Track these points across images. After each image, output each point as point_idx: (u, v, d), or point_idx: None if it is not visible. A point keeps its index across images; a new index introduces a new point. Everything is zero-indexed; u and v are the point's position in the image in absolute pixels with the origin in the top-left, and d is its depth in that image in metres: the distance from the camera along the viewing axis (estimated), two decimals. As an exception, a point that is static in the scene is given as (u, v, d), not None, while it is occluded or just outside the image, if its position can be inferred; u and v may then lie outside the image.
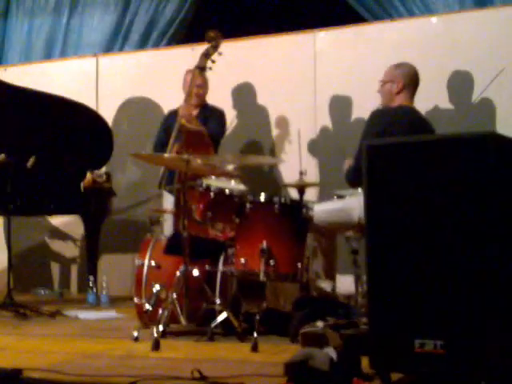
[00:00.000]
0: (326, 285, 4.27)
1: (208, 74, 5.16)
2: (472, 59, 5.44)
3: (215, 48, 5.02)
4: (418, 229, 2.59)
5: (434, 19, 5.73)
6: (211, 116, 5.37)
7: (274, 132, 6.12)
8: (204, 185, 4.07)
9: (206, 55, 5.02)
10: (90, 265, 5.81)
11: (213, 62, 5.03)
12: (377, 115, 4.31)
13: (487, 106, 5.38)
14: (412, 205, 2.61)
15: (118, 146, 6.05)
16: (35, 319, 4.85)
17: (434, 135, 3.27)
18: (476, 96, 5.41)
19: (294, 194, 4.83)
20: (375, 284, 2.68)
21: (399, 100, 4.40)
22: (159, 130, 5.55)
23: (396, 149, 2.73)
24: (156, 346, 3.56)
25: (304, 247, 3.89)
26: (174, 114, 5.39)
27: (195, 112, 5.30)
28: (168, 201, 5.35)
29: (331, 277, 4.34)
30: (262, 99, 6.18)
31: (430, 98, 5.53)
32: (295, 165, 5.49)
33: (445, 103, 5.53)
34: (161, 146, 5.34)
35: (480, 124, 5.29)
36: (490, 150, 2.50)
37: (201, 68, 5.04)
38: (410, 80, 4.43)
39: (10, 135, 5.59)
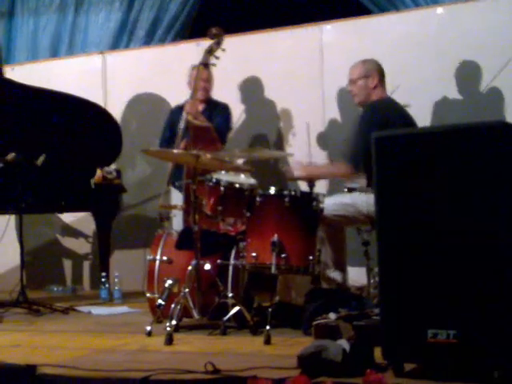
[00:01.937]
0: (335, 274, 4.27)
1: (215, 69, 5.17)
2: (479, 49, 5.42)
3: (218, 44, 5.03)
4: (429, 219, 2.59)
5: (439, 9, 5.72)
6: (217, 111, 5.38)
7: (283, 125, 6.13)
8: (214, 179, 4.08)
9: (210, 51, 5.03)
10: (102, 261, 5.84)
11: (216, 58, 5.04)
12: (379, 105, 4.31)
13: (496, 96, 5.37)
14: (422, 195, 2.62)
15: (126, 143, 6.07)
16: (49, 316, 4.89)
17: (444, 125, 3.27)
18: (484, 86, 5.40)
19: (303, 186, 4.84)
20: (387, 275, 2.68)
21: (378, 94, 4.39)
22: (164, 128, 5.56)
23: (405, 140, 2.73)
24: (169, 340, 3.59)
25: (315, 240, 3.89)
26: (178, 109, 5.40)
27: (201, 107, 5.31)
28: (175, 197, 5.36)
29: (341, 268, 4.34)
30: (269, 93, 6.18)
31: (437, 89, 5.54)
32: (304, 157, 5.53)
33: (453, 93, 5.52)
34: (166, 143, 5.35)
35: (489, 113, 5.27)
36: (500, 139, 2.50)
37: (205, 64, 5.05)
38: (382, 73, 4.45)
39: (19, 133, 5.60)
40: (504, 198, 2.48)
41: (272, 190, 3.92)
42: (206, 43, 5.12)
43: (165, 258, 4.32)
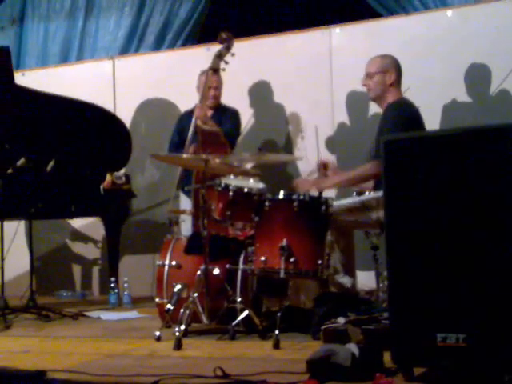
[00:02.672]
0: (344, 280, 4.25)
1: (224, 73, 5.17)
2: (488, 51, 5.41)
3: (228, 49, 5.03)
4: (439, 223, 2.58)
5: (449, 12, 5.71)
6: (226, 116, 5.39)
7: (291, 129, 6.13)
8: (223, 184, 4.08)
9: (219, 56, 5.04)
10: (111, 266, 5.85)
11: (226, 62, 5.05)
12: (405, 105, 4.28)
13: (505, 98, 5.34)
14: (432, 198, 2.60)
15: (136, 148, 6.08)
16: (58, 321, 4.90)
17: (454, 128, 3.25)
18: (494, 88, 5.38)
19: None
20: (396, 279, 2.67)
21: (394, 92, 4.34)
22: (173, 133, 5.58)
23: (415, 142, 2.72)
24: (178, 345, 3.59)
25: (324, 244, 3.88)
26: (187, 115, 5.41)
27: (210, 112, 5.32)
28: (184, 201, 5.37)
29: (350, 273, 4.32)
30: (278, 97, 6.18)
31: (447, 92, 5.53)
32: (313, 161, 5.51)
33: (463, 96, 5.50)
34: (175, 148, 5.36)
35: (498, 116, 5.25)
36: (511, 142, 2.48)
37: (214, 69, 5.06)
38: (400, 71, 4.39)
39: (28, 139, 5.62)
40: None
41: (281, 195, 3.91)
42: (216, 48, 5.13)
43: (174, 262, 4.31)
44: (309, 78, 6.00)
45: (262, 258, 3.82)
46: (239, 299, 3.96)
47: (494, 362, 2.44)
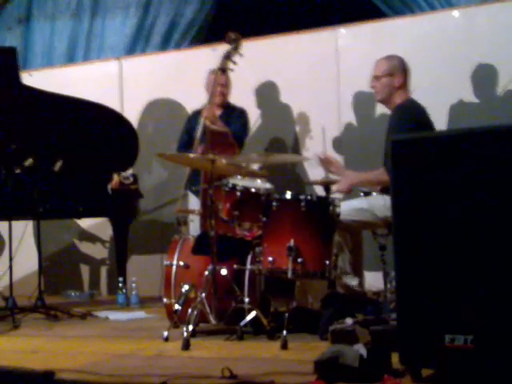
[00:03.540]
0: (351, 279, 4.25)
1: (231, 73, 5.18)
2: (495, 52, 5.40)
3: (236, 49, 5.03)
4: (447, 224, 2.58)
5: (455, 12, 5.70)
6: (234, 116, 5.39)
7: (299, 129, 6.13)
8: (230, 184, 4.08)
9: (227, 56, 5.04)
10: (119, 266, 5.86)
11: (234, 63, 5.05)
12: (415, 106, 4.28)
13: (512, 99, 5.35)
14: (440, 199, 2.61)
15: (143, 148, 6.08)
16: (66, 321, 4.92)
17: (462, 128, 3.24)
18: (501, 89, 5.38)
19: (319, 191, 4.83)
20: (404, 280, 2.67)
21: (401, 94, 4.33)
22: (182, 132, 5.58)
23: (424, 143, 2.72)
24: (186, 345, 3.60)
25: (331, 244, 3.88)
26: (196, 114, 5.41)
27: (218, 112, 5.32)
28: (193, 201, 5.38)
29: (358, 273, 4.33)
30: (285, 97, 6.18)
31: (453, 92, 5.52)
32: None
33: (469, 97, 5.49)
34: (184, 148, 5.36)
35: (505, 117, 5.24)
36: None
37: (222, 69, 5.06)
38: (407, 72, 4.38)
39: (37, 140, 5.63)
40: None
41: (288, 195, 3.92)
42: (222, 48, 5.14)
43: (181, 263, 4.32)
44: (315, 79, 5.99)
45: (270, 259, 3.83)
46: (247, 299, 3.97)
47: (502, 363, 2.44)
